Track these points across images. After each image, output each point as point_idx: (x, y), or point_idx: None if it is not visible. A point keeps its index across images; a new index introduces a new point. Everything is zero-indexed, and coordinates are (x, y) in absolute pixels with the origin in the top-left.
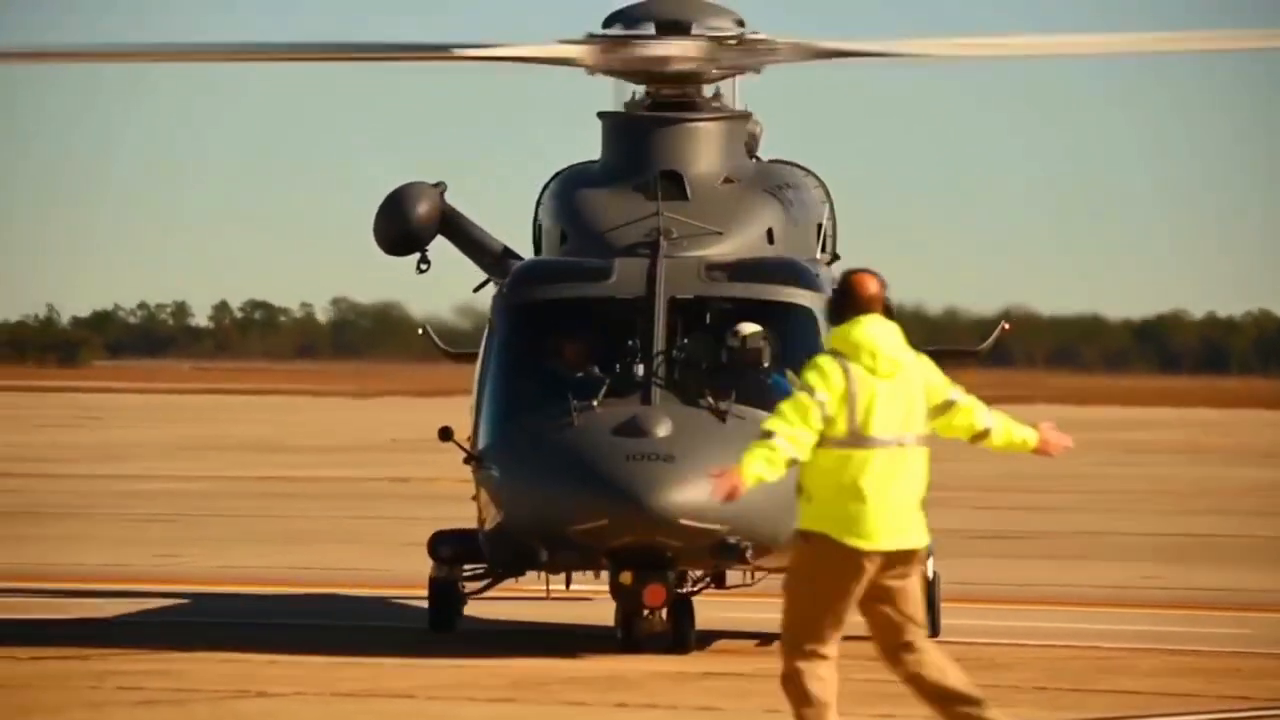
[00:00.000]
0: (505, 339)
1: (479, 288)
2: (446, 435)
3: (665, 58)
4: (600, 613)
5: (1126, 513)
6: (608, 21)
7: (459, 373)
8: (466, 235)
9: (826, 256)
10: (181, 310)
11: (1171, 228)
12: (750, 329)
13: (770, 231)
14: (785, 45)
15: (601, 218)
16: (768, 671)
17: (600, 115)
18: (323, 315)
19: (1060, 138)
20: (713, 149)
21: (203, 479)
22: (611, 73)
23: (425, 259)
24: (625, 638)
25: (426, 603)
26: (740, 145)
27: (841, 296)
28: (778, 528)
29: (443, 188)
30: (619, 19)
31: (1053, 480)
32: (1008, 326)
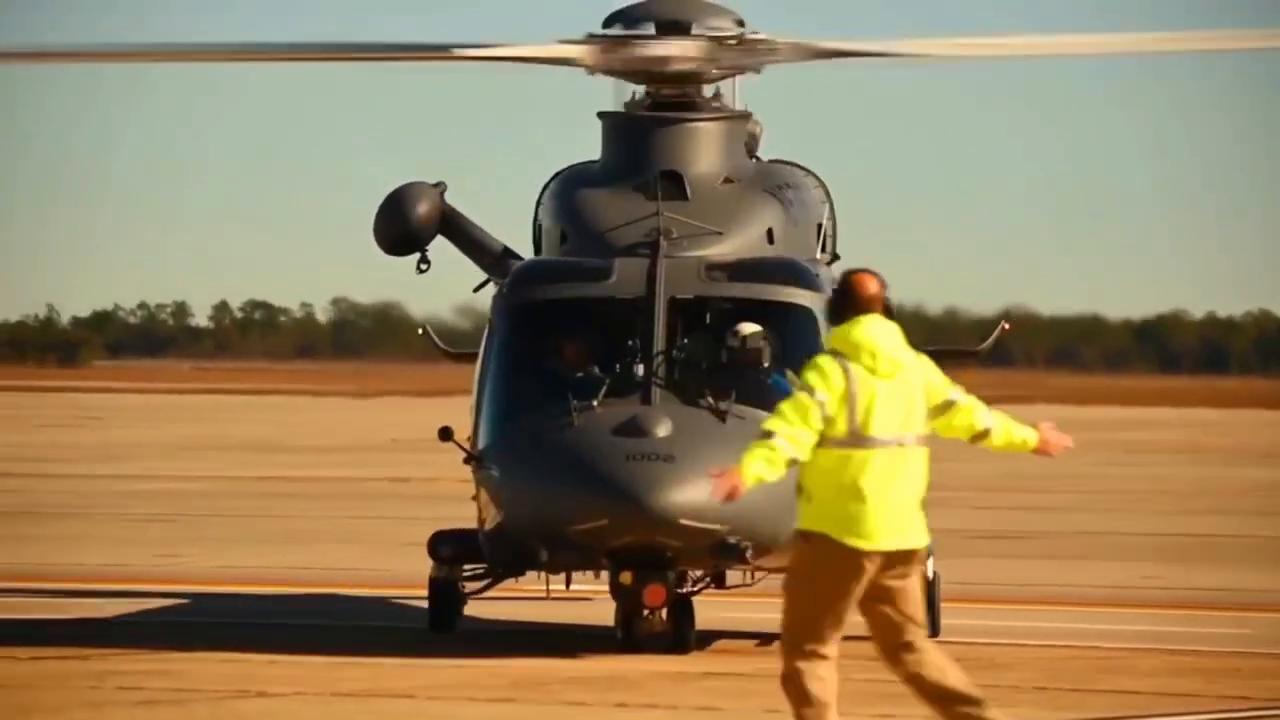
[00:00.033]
0: (505, 339)
1: (479, 288)
2: (447, 435)
3: (665, 58)
4: (600, 613)
5: (1126, 513)
6: (608, 21)
7: (459, 373)
8: (466, 235)
9: (826, 256)
10: (181, 310)
11: (1172, 228)
12: (750, 329)
13: (770, 231)
14: (785, 45)
15: (601, 218)
16: (767, 671)
17: (600, 115)
18: (323, 315)
19: (1061, 138)
20: (713, 149)
21: (203, 479)
22: (611, 73)
23: (425, 259)
24: (625, 638)
25: (426, 603)
26: (740, 145)
27: (841, 296)
28: (778, 528)
29: (443, 188)
30: (619, 19)
31: (1053, 480)
32: (1007, 327)
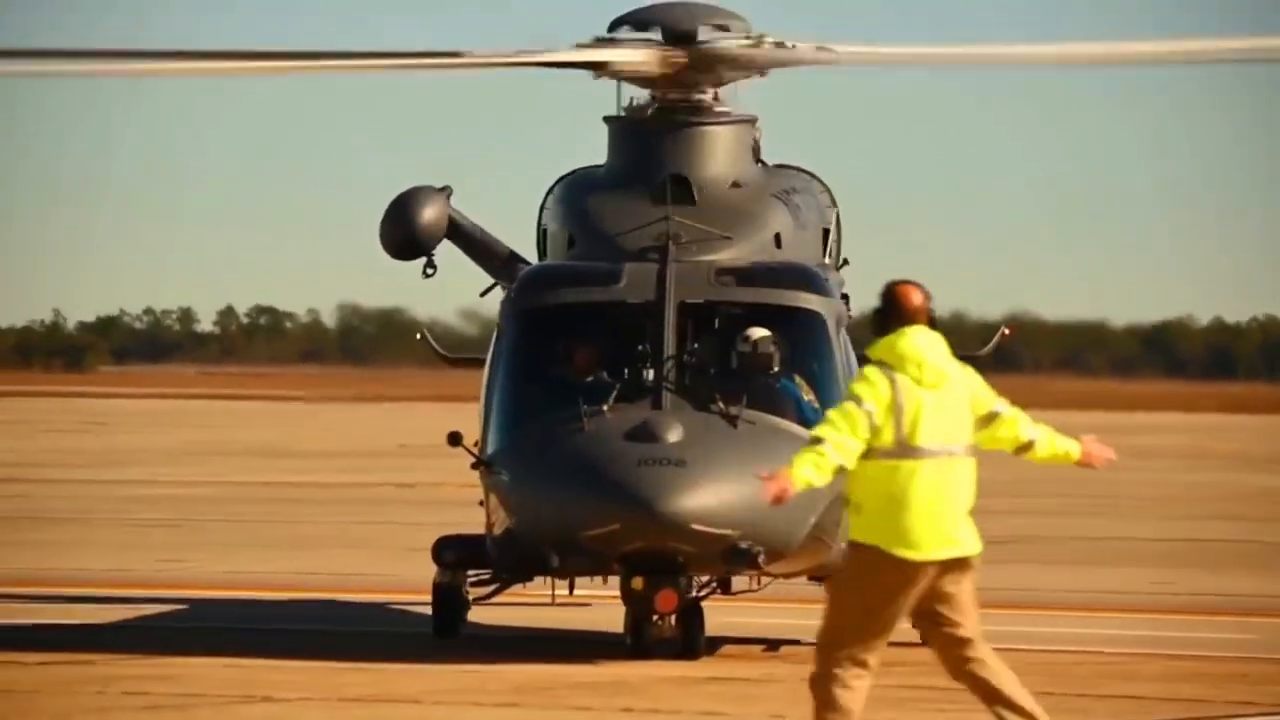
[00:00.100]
0: (514, 344)
1: (485, 292)
2: (455, 440)
3: (671, 62)
4: (602, 618)
5: (1132, 518)
6: (613, 25)
7: (466, 378)
8: (472, 240)
9: (833, 262)
10: (187, 315)
11: (1178, 233)
12: (760, 334)
13: (778, 236)
14: (790, 49)
15: (610, 222)
16: (772, 677)
17: (606, 120)
18: (329, 320)
19: (1066, 143)
20: (720, 153)
21: (208, 484)
22: (617, 77)
23: (431, 264)
24: (635, 644)
25: (431, 608)
26: (747, 149)
27: (887, 307)
28: (790, 533)
29: (449, 192)
30: (625, 23)
31: (1057, 485)
32: (1008, 331)
